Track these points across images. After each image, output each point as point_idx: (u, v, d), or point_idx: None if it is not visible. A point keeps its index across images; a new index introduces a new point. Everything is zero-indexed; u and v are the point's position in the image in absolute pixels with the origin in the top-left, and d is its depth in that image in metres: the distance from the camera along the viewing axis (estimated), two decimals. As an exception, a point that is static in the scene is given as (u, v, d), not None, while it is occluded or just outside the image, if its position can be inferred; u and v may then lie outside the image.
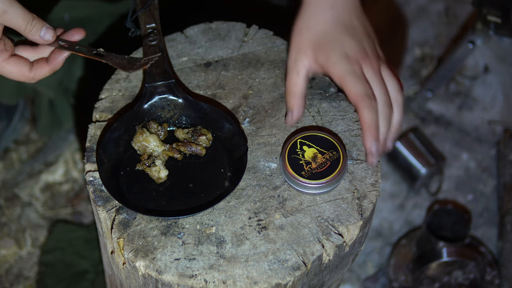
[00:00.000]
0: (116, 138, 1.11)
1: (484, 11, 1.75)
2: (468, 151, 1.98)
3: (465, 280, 1.73)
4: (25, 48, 1.07)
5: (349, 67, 1.07)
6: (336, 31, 1.10)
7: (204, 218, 1.06)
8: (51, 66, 1.06)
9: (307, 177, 1.07)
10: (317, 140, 1.10)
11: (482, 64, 2.06)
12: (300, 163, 1.08)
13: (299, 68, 1.10)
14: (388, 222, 1.89)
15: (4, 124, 1.93)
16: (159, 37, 1.15)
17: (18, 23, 1.02)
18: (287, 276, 1.01)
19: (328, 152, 1.08)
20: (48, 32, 1.04)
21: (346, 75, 1.06)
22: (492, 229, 1.86)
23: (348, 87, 1.06)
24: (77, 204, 1.90)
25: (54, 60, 1.06)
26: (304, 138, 1.10)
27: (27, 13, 1.02)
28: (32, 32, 1.03)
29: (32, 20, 1.02)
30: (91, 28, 1.82)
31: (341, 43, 1.08)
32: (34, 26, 1.03)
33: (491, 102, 2.02)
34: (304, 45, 1.10)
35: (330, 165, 1.07)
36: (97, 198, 1.07)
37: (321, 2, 1.11)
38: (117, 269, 1.09)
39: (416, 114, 2.03)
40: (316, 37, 1.10)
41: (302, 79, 1.10)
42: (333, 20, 1.10)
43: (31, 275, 1.78)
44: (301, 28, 1.11)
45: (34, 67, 1.06)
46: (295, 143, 1.10)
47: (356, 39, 1.09)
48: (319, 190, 1.07)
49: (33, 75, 1.06)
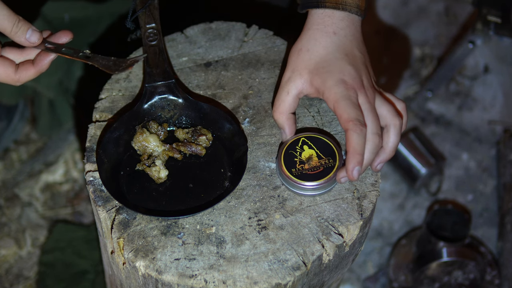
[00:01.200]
0: (116, 138, 1.11)
1: (484, 11, 1.75)
2: (468, 151, 1.98)
3: (465, 280, 1.73)
4: (11, 50, 1.07)
5: (345, 92, 1.05)
6: (336, 57, 1.09)
7: (204, 218, 1.06)
8: (36, 68, 1.06)
9: (295, 175, 1.07)
10: (320, 143, 1.09)
11: (482, 64, 2.06)
12: (294, 160, 1.08)
13: (290, 88, 1.09)
14: (388, 222, 1.89)
15: (4, 124, 1.93)
16: (159, 37, 1.15)
17: (4, 25, 1.02)
18: (287, 276, 1.01)
19: (325, 158, 1.08)
20: (34, 35, 1.04)
21: (341, 99, 1.05)
22: (492, 229, 1.86)
23: (341, 111, 1.04)
24: (77, 204, 1.90)
25: (40, 62, 1.05)
26: (309, 138, 1.10)
27: (12, 15, 1.02)
28: (18, 34, 1.03)
29: (18, 22, 1.02)
30: (91, 28, 1.82)
31: (339, 70, 1.07)
32: (19, 28, 1.03)
33: (491, 102, 2.02)
34: (300, 66, 1.09)
35: (322, 171, 1.07)
36: (97, 198, 1.07)
37: (324, 27, 1.10)
38: (117, 269, 1.09)
39: (416, 114, 2.03)
40: (314, 59, 1.09)
41: (291, 98, 1.09)
42: (334, 46, 1.09)
43: (31, 275, 1.78)
44: (301, 49, 1.10)
45: (20, 69, 1.06)
46: (297, 140, 1.10)
47: (355, 68, 1.08)
48: (302, 191, 1.07)
49: (18, 77, 1.06)
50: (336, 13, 1.10)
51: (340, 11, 1.10)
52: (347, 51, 1.09)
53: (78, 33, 1.77)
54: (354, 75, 1.07)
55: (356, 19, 1.11)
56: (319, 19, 1.11)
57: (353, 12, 1.10)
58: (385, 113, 1.08)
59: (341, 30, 1.10)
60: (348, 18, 1.11)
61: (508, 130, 1.94)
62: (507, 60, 2.01)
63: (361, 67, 1.09)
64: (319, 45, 1.09)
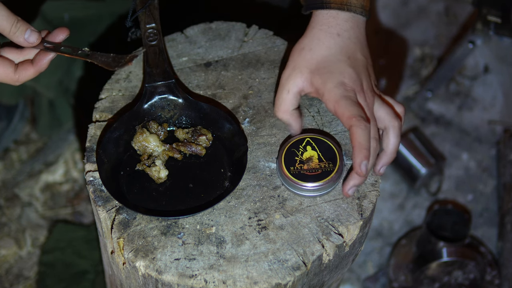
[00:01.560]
0: (116, 138, 1.11)
1: (484, 11, 1.75)
2: (468, 151, 1.98)
3: (465, 280, 1.73)
4: (11, 50, 1.07)
5: (345, 93, 1.05)
6: (338, 59, 1.08)
7: (204, 218, 1.06)
8: (36, 68, 1.06)
9: (292, 173, 1.07)
10: (324, 147, 1.09)
11: (482, 64, 2.06)
12: (294, 159, 1.08)
13: (290, 86, 1.09)
14: (388, 222, 1.89)
15: (4, 124, 1.93)
16: (159, 37, 1.15)
17: (2, 25, 1.02)
18: (287, 276, 1.01)
19: (325, 162, 1.08)
20: (33, 35, 1.04)
21: (341, 99, 1.05)
22: (492, 229, 1.86)
23: (342, 109, 1.04)
24: (77, 204, 1.90)
25: (39, 62, 1.06)
26: (313, 139, 1.10)
27: (11, 15, 1.02)
28: (16, 34, 1.03)
29: (17, 23, 1.03)
30: (91, 28, 1.82)
31: (340, 71, 1.07)
32: (18, 29, 1.03)
33: (491, 102, 2.02)
34: (302, 64, 1.09)
35: (320, 174, 1.07)
36: (97, 198, 1.07)
37: (328, 27, 1.10)
38: (117, 269, 1.09)
39: (416, 114, 2.03)
40: (316, 59, 1.09)
41: (291, 96, 1.09)
42: (337, 47, 1.09)
43: (31, 275, 1.78)
44: (303, 48, 1.10)
45: (19, 69, 1.06)
46: (302, 140, 1.10)
47: (355, 71, 1.08)
48: (298, 191, 1.07)
49: (17, 76, 1.06)
50: (341, 14, 1.10)
51: (345, 12, 1.10)
52: (350, 54, 1.09)
53: (78, 33, 1.79)
54: (355, 78, 1.07)
55: (360, 20, 1.11)
56: (324, 20, 1.10)
57: (358, 13, 1.10)
58: (383, 115, 1.08)
59: (345, 31, 1.10)
60: (353, 19, 1.10)
61: (508, 130, 1.94)
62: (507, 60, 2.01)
63: (362, 70, 1.09)
64: (322, 45, 1.09)
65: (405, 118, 1.10)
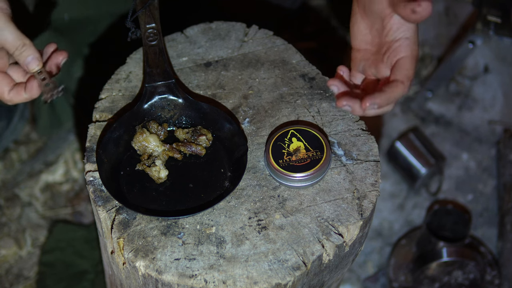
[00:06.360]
0: (116, 138, 1.11)
1: (484, 11, 1.75)
2: (468, 151, 1.98)
3: (465, 280, 1.73)
4: (18, 69, 1.10)
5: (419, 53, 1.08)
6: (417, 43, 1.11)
7: (204, 218, 1.06)
8: (28, 94, 1.08)
9: (282, 166, 1.07)
10: (309, 136, 1.10)
11: (482, 64, 2.06)
12: (282, 152, 1.09)
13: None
14: (388, 222, 1.89)
15: (4, 124, 1.93)
16: (159, 37, 1.15)
17: (9, 44, 1.05)
18: (287, 276, 1.01)
19: (312, 151, 1.09)
20: (33, 62, 1.06)
21: (415, 58, 1.07)
22: (492, 229, 1.86)
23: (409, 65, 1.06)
24: (77, 204, 1.90)
25: (31, 89, 1.08)
26: (297, 130, 1.11)
27: (20, 37, 1.05)
28: (18, 57, 1.06)
29: (22, 47, 1.05)
30: (91, 28, 1.82)
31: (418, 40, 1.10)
32: (22, 53, 1.06)
33: (491, 102, 2.02)
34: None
35: (309, 163, 1.08)
36: (97, 198, 1.07)
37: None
38: (117, 269, 1.09)
39: (416, 114, 2.03)
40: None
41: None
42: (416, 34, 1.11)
43: (31, 275, 1.78)
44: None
45: (14, 91, 1.09)
46: (286, 132, 1.10)
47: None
48: (288, 182, 1.08)
49: (10, 98, 1.09)
50: None
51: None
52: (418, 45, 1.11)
53: (78, 33, 1.78)
54: (418, 56, 1.09)
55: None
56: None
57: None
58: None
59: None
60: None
61: (508, 130, 1.94)
62: (507, 60, 2.01)
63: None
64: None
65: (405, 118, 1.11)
